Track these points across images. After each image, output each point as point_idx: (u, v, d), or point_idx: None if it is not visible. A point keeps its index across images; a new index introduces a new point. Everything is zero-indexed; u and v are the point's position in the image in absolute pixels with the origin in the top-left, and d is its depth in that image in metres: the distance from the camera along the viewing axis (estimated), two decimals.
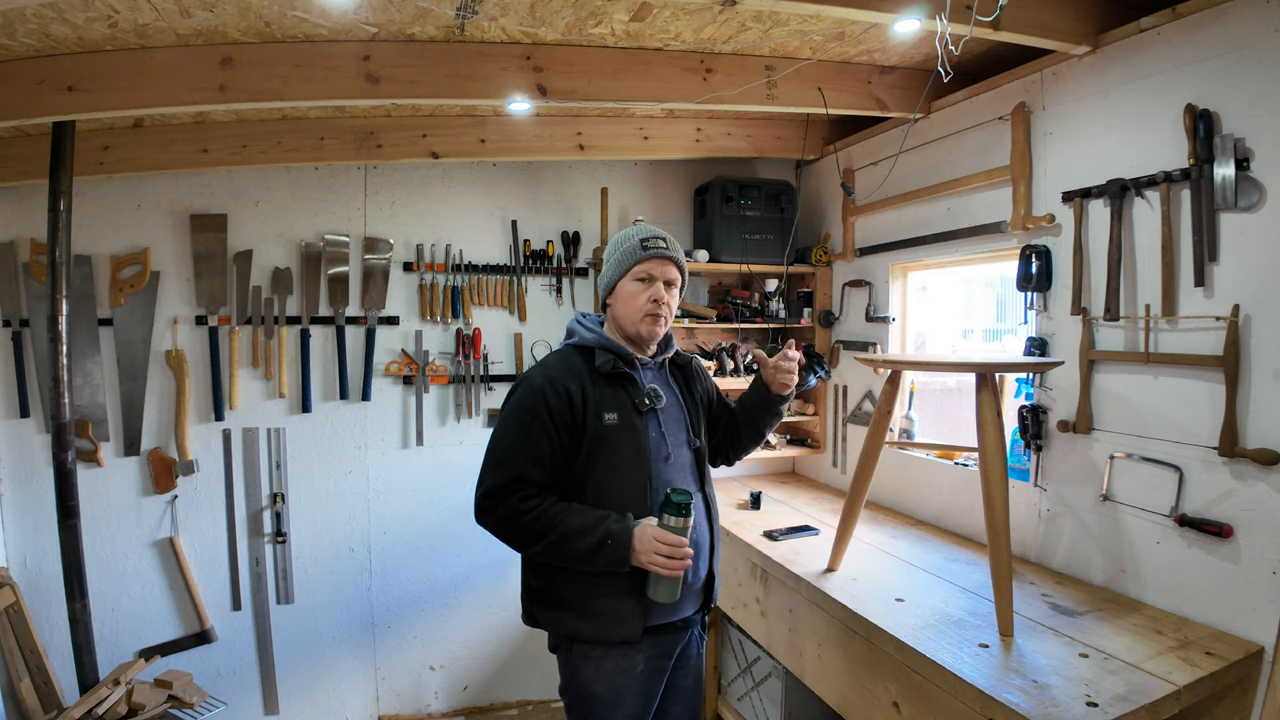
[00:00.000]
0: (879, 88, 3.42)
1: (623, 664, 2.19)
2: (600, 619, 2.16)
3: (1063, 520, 2.86)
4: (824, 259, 4.30)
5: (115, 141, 3.50)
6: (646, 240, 2.27)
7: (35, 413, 3.71)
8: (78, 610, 3.31)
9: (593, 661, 2.21)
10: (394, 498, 4.26)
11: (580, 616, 2.18)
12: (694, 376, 2.50)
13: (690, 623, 2.33)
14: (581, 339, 2.32)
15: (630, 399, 2.24)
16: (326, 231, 4.07)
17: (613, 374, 2.24)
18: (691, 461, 2.33)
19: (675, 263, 2.30)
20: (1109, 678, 2.03)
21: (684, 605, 2.24)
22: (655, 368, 2.38)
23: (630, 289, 2.27)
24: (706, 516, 2.31)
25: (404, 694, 4.33)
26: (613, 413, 2.20)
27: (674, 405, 2.35)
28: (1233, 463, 2.26)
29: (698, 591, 2.29)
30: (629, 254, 2.28)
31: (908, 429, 3.70)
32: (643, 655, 2.21)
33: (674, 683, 2.37)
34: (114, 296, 3.76)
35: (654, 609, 2.17)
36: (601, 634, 2.17)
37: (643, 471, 2.20)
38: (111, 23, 2.52)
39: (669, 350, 2.42)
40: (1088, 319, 2.71)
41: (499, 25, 2.80)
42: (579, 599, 2.17)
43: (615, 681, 2.20)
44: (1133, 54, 2.56)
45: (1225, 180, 2.24)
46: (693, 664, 2.43)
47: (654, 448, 2.23)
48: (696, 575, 2.25)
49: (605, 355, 2.25)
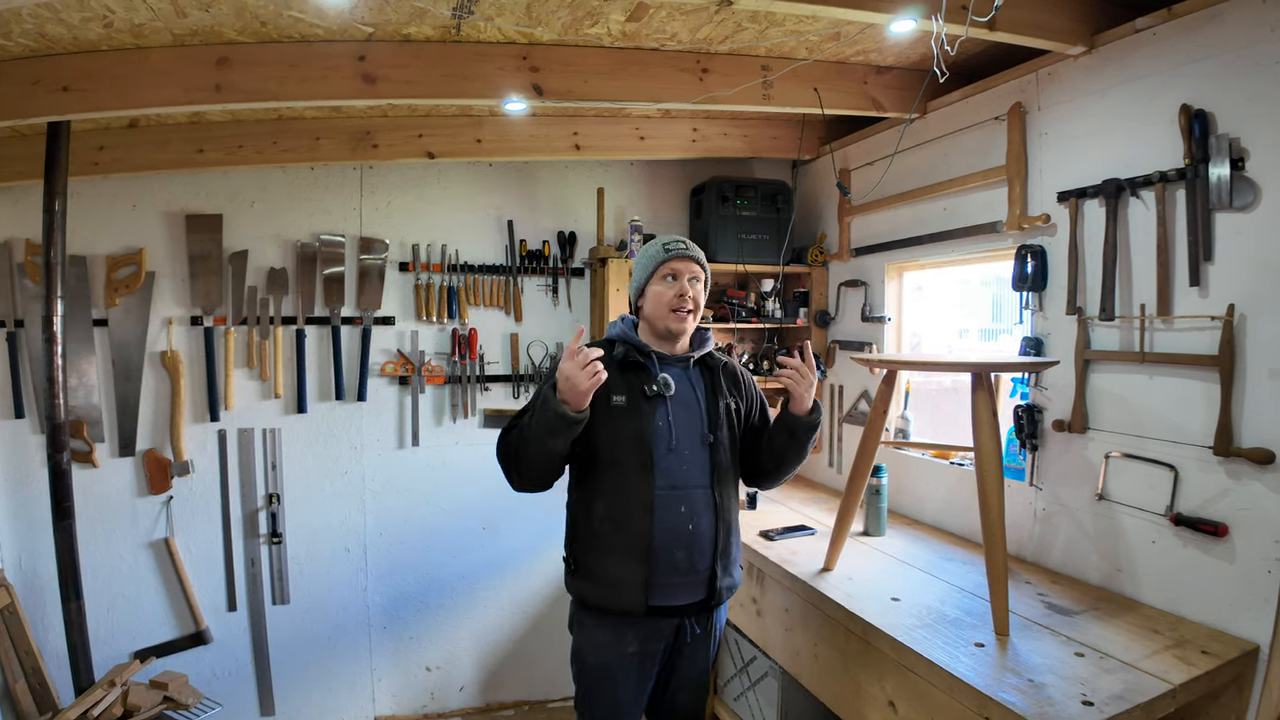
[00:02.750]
0: (875, 88, 3.42)
1: (614, 639, 2.38)
2: (607, 587, 2.34)
3: (1058, 520, 2.86)
4: (820, 259, 4.31)
5: (110, 141, 3.49)
6: (668, 244, 2.45)
7: (30, 413, 3.69)
8: (73, 611, 3.31)
9: (588, 630, 2.44)
10: (390, 498, 4.25)
11: (588, 581, 2.39)
12: (728, 380, 2.55)
13: (682, 611, 2.39)
14: (609, 334, 2.54)
15: (640, 385, 2.38)
16: (322, 232, 4.06)
17: (627, 362, 2.40)
18: (704, 457, 2.39)
19: (697, 261, 2.45)
20: (1105, 677, 2.04)
21: (679, 592, 2.36)
22: (679, 364, 2.47)
23: (657, 289, 2.43)
24: (713, 513, 2.37)
25: (400, 695, 4.32)
26: (621, 395, 2.35)
27: (690, 399, 2.44)
28: (1228, 462, 2.27)
29: (694, 584, 2.37)
30: (654, 258, 2.45)
31: (904, 429, 3.70)
32: (636, 636, 2.37)
33: (679, 670, 2.51)
34: (109, 297, 3.74)
35: (655, 589, 2.30)
36: (605, 600, 2.36)
37: (644, 453, 2.32)
38: (107, 23, 2.51)
39: (702, 349, 2.52)
40: (1083, 319, 2.71)
41: (495, 25, 2.80)
42: (588, 563, 2.39)
43: (605, 656, 2.40)
44: (1128, 54, 2.57)
45: (1220, 180, 2.24)
46: (700, 656, 2.52)
47: (658, 434, 2.34)
48: (695, 567, 2.34)
49: (622, 346, 2.43)
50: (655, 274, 2.43)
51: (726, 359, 2.62)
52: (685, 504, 2.34)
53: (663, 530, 2.29)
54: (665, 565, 2.30)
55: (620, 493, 2.33)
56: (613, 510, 2.33)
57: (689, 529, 2.32)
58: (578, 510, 2.45)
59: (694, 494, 2.36)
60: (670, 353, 2.47)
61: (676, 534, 2.31)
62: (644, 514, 2.29)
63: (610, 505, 2.34)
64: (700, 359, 2.51)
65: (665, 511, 2.31)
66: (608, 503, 2.34)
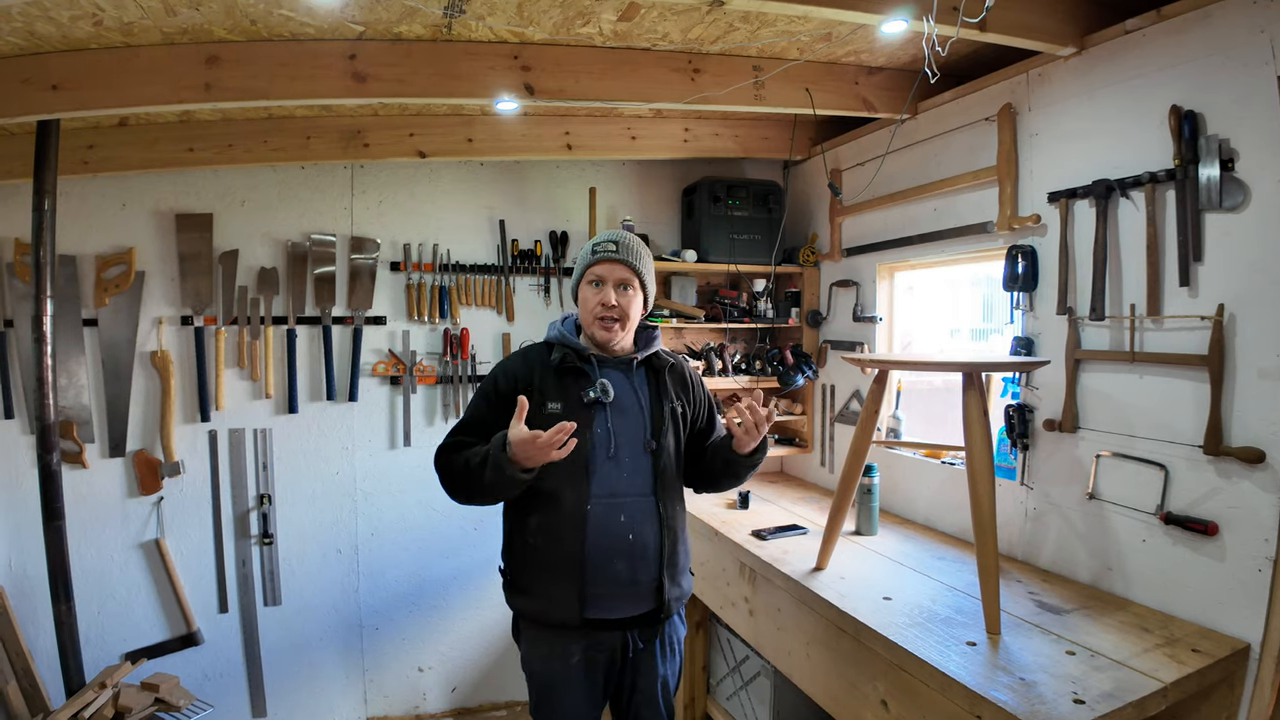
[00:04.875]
0: (866, 88, 3.43)
1: (557, 650, 2.31)
2: (542, 600, 2.28)
3: (1049, 518, 2.87)
4: (811, 259, 4.31)
5: (100, 140, 3.48)
6: (598, 245, 2.34)
7: (20, 414, 3.68)
8: (63, 613, 3.29)
9: (531, 642, 2.39)
10: (382, 499, 4.25)
11: (523, 596, 2.33)
12: (674, 382, 2.47)
13: (626, 624, 2.31)
14: (548, 336, 2.44)
15: (577, 391, 2.30)
16: (313, 231, 4.05)
17: (564, 367, 2.31)
18: (646, 464, 2.32)
19: (626, 264, 2.31)
20: (1096, 675, 2.04)
21: (621, 604, 2.29)
22: (622, 367, 2.38)
23: (584, 293, 2.35)
24: (656, 522, 2.31)
25: (392, 695, 4.32)
26: (557, 402, 2.28)
27: (632, 404, 2.35)
28: (1218, 461, 2.28)
29: (639, 595, 2.30)
30: (583, 259, 2.37)
31: (895, 428, 3.71)
32: (578, 647, 2.30)
33: (638, 685, 2.40)
34: (99, 297, 3.73)
35: (591, 601, 2.24)
36: (540, 614, 2.31)
37: (580, 463, 2.22)
38: (97, 21, 2.50)
39: (647, 349, 2.43)
40: (1073, 319, 2.72)
41: (487, 24, 2.79)
42: (522, 579, 2.34)
43: (549, 666, 2.33)
44: (1118, 55, 2.58)
45: (1210, 181, 2.25)
46: (653, 669, 2.41)
47: (596, 441, 2.27)
48: (636, 578, 2.27)
49: (560, 349, 2.33)
50: (583, 277, 2.35)
51: (674, 359, 2.51)
52: (624, 513, 2.26)
53: (598, 541, 2.22)
54: (602, 576, 2.23)
55: (554, 504, 2.24)
56: (546, 523, 2.25)
57: (628, 539, 2.25)
58: (513, 523, 2.37)
59: (634, 502, 2.28)
60: (612, 354, 2.38)
61: (614, 544, 2.23)
62: (578, 525, 2.22)
63: (544, 518, 2.25)
64: (645, 360, 2.42)
65: (602, 521, 2.23)
66: (541, 516, 2.26)
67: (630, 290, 2.33)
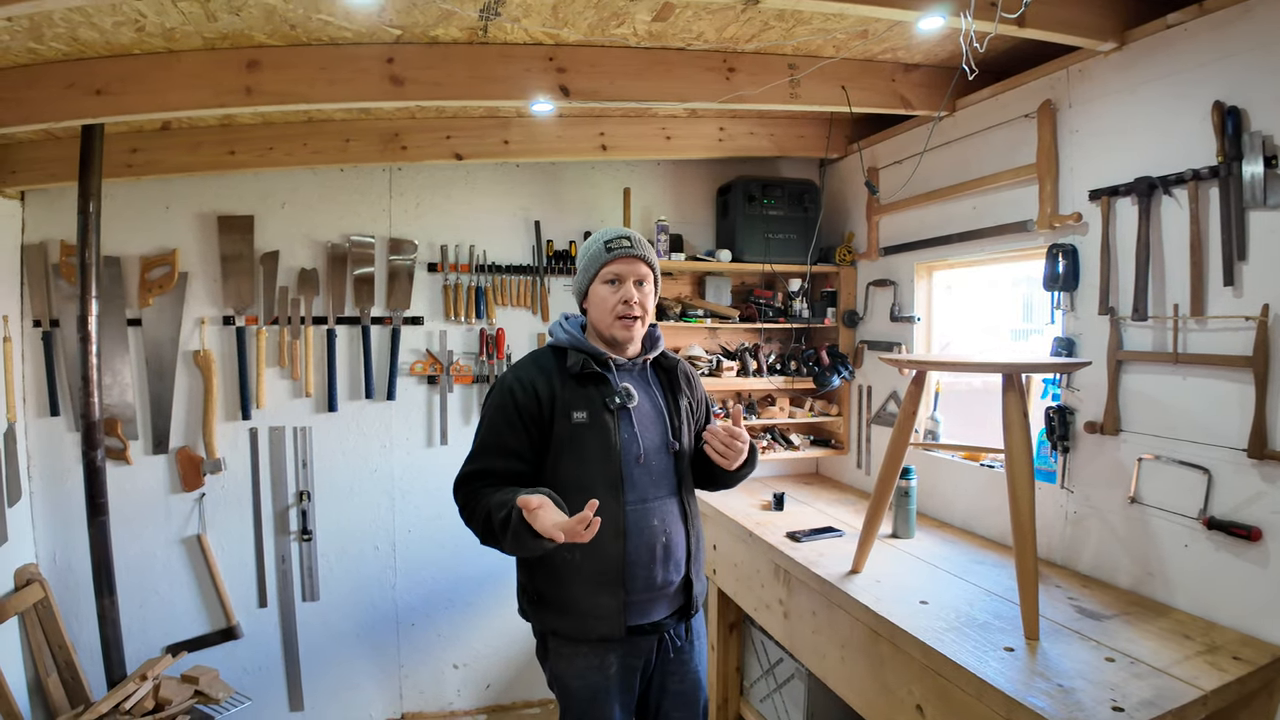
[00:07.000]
0: (903, 86, 3.39)
1: (595, 662, 2.24)
2: (579, 616, 2.21)
3: (1089, 522, 2.83)
4: (848, 258, 4.28)
5: (143, 144, 3.55)
6: (610, 242, 2.28)
7: (65, 411, 3.77)
8: (106, 606, 3.37)
9: (565, 658, 2.28)
10: (418, 496, 4.29)
11: (559, 613, 2.24)
12: (680, 381, 2.46)
13: (660, 626, 2.30)
14: (556, 340, 2.36)
15: (601, 398, 2.25)
16: (352, 232, 4.10)
17: (584, 374, 2.26)
18: (670, 465, 2.31)
19: (643, 260, 2.29)
20: (1135, 682, 2.01)
21: (657, 608, 2.28)
22: (635, 369, 2.37)
23: (601, 292, 2.28)
24: (683, 521, 2.31)
25: (427, 691, 4.36)
26: (582, 411, 2.22)
27: (650, 407, 2.34)
28: (1262, 464, 2.23)
29: (670, 595, 2.30)
30: (595, 258, 2.29)
31: (933, 430, 3.67)
32: (615, 655, 2.25)
33: (669, 688, 2.38)
34: (143, 297, 3.81)
35: (631, 609, 2.21)
36: (580, 631, 2.23)
37: (613, 470, 2.20)
38: (139, 26, 2.55)
39: (653, 350, 2.41)
40: (1115, 319, 2.68)
41: (522, 26, 2.81)
42: (556, 595, 2.23)
43: (590, 679, 2.25)
44: (1159, 50, 2.53)
45: (1254, 178, 2.20)
46: (689, 669, 2.40)
47: (625, 447, 2.23)
48: (669, 579, 2.26)
49: (576, 355, 2.27)
50: (598, 276, 2.28)
51: (678, 359, 2.52)
52: (658, 517, 2.24)
53: (637, 549, 2.19)
54: (641, 584, 2.21)
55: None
56: None
57: (663, 542, 2.23)
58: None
59: (665, 505, 2.27)
60: (624, 357, 2.34)
61: (651, 549, 2.21)
62: (617, 536, 2.17)
63: None
64: (654, 360, 2.42)
65: (638, 527, 2.20)
66: None
67: (646, 285, 2.31)
